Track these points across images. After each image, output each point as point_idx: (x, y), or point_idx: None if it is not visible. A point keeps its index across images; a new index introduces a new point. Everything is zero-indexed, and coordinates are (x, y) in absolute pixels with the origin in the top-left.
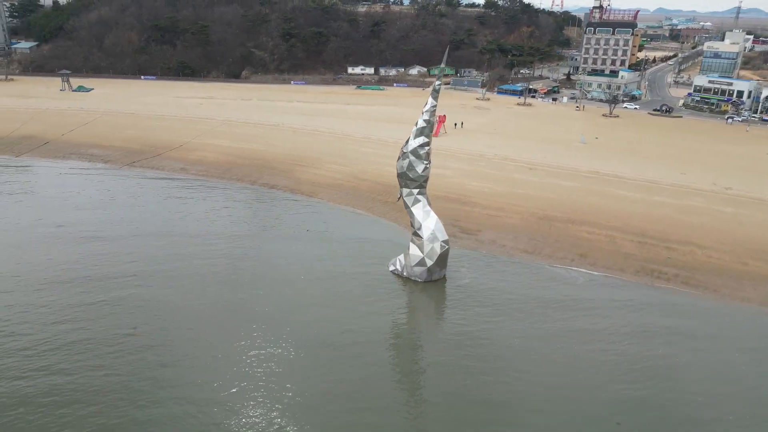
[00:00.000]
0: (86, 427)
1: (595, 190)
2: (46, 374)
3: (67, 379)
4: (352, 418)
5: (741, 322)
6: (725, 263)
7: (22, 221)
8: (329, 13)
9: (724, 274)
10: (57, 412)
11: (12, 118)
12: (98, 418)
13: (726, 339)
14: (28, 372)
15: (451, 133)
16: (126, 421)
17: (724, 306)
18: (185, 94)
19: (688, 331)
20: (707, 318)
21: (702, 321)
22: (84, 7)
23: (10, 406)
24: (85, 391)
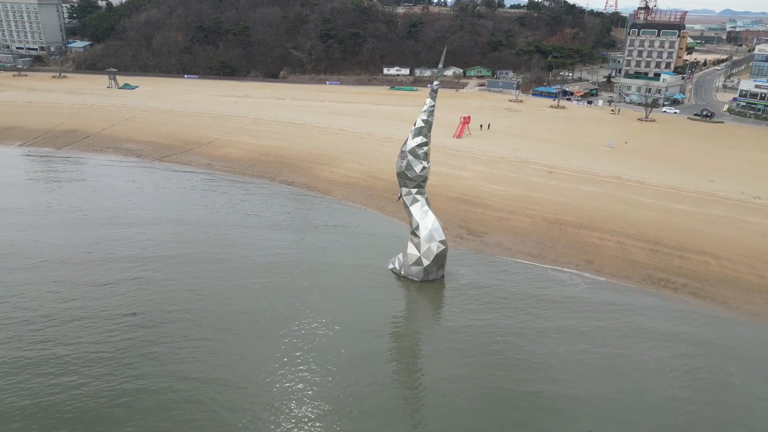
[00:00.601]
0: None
1: (615, 195)
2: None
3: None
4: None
5: (740, 334)
6: (740, 275)
7: (51, 206)
8: (367, 15)
9: (737, 286)
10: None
11: (59, 112)
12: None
13: (719, 348)
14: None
15: (476, 135)
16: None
17: (728, 318)
18: (222, 93)
19: (680, 338)
20: (705, 328)
21: (698, 330)
22: (135, 8)
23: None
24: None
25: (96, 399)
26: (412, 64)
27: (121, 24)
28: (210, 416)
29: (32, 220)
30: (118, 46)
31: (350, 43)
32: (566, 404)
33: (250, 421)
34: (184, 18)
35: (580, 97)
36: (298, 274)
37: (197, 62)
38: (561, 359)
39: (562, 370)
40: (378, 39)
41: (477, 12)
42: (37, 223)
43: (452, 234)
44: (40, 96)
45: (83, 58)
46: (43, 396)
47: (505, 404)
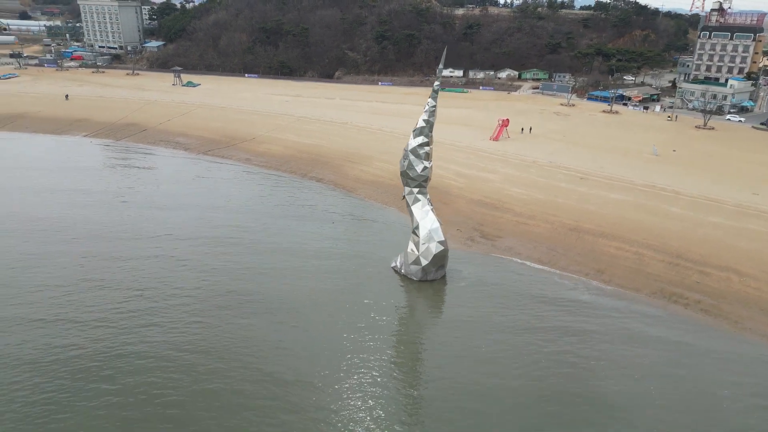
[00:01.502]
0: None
1: (645, 205)
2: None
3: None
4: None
5: (741, 356)
6: (763, 294)
7: (94, 190)
8: (424, 16)
9: (756, 306)
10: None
11: (124, 107)
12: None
13: (713, 368)
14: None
15: (516, 138)
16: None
17: (735, 338)
18: (276, 92)
19: (668, 345)
20: (701, 340)
21: (690, 340)
22: (206, 10)
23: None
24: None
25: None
26: (467, 66)
27: (191, 25)
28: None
29: (82, 200)
30: (187, 46)
31: (405, 44)
32: (542, 402)
33: (247, 418)
34: (249, 20)
35: (638, 103)
36: (288, 261)
37: (258, 62)
38: (541, 356)
39: (533, 366)
40: (432, 40)
41: (537, 13)
42: (84, 203)
43: (464, 236)
44: (110, 91)
45: (156, 57)
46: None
47: (481, 399)
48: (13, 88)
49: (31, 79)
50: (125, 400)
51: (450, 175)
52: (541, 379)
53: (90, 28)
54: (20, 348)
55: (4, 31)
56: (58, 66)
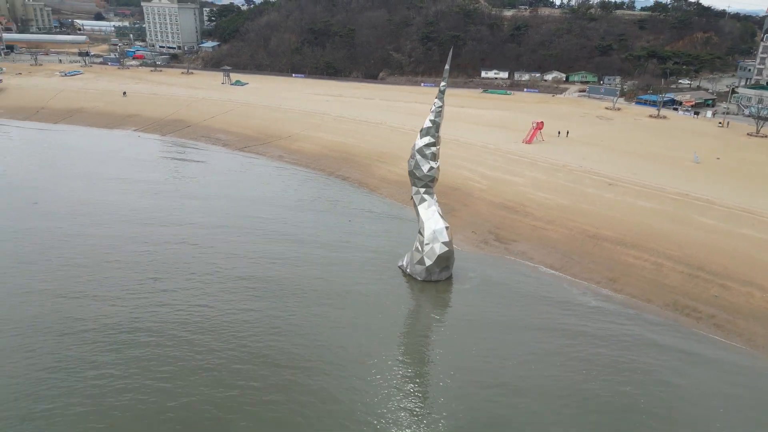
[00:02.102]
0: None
1: (673, 214)
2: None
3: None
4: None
5: (746, 370)
6: None
7: (133, 179)
8: (471, 17)
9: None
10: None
11: (173, 104)
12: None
13: (710, 379)
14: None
15: (551, 142)
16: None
17: (744, 354)
18: (319, 91)
19: (662, 350)
20: (708, 358)
21: (698, 358)
22: (259, 12)
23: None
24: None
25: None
26: (512, 68)
27: (244, 26)
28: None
29: (123, 187)
30: (239, 46)
31: (450, 45)
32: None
33: (244, 416)
34: (298, 21)
35: (690, 107)
36: (298, 251)
37: (305, 62)
38: (530, 356)
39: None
40: (478, 42)
41: (589, 15)
42: (124, 190)
43: (478, 239)
44: (164, 89)
45: (210, 56)
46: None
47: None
48: (76, 84)
49: (94, 76)
50: (125, 371)
51: (475, 177)
52: (523, 378)
53: (152, 29)
54: (37, 318)
55: (79, 31)
56: (120, 64)
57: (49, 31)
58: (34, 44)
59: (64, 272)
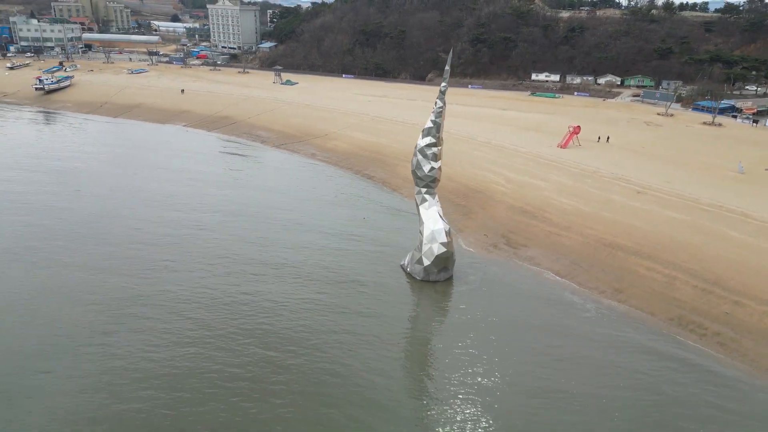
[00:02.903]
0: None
1: (701, 225)
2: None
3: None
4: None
5: (741, 390)
6: None
7: (173, 168)
8: (524, 19)
9: None
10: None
11: (224, 102)
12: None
13: (698, 392)
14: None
15: (587, 146)
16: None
17: (744, 373)
18: (364, 92)
19: (656, 371)
20: (702, 374)
21: (690, 373)
22: (315, 14)
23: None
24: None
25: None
26: (564, 71)
27: (300, 28)
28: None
29: (170, 176)
30: (294, 47)
31: (501, 47)
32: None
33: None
34: (351, 23)
35: (750, 115)
36: (307, 239)
37: (356, 63)
38: (510, 357)
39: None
40: (529, 44)
41: (650, 16)
42: (168, 179)
43: (488, 242)
44: (219, 87)
45: (267, 56)
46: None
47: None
48: (139, 81)
49: (158, 74)
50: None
51: (500, 180)
52: (499, 377)
53: (215, 30)
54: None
55: (155, 32)
56: (184, 63)
57: (126, 31)
58: (110, 43)
59: (91, 247)
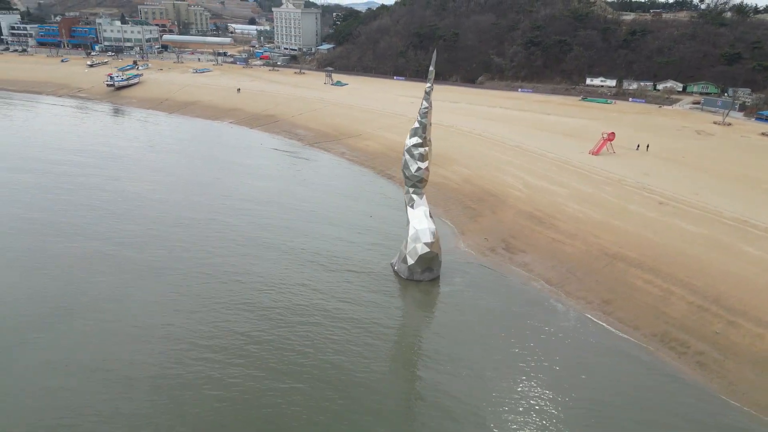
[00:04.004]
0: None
1: (717, 240)
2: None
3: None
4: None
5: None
6: None
7: (210, 158)
8: (582, 21)
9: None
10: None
11: (273, 101)
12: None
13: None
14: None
15: (623, 154)
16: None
17: (715, 396)
18: (408, 94)
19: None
20: (665, 391)
21: (652, 389)
22: (373, 16)
23: None
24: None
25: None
26: (621, 75)
27: (357, 30)
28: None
29: (205, 167)
30: (350, 49)
31: (555, 50)
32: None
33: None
34: (407, 25)
35: None
36: (314, 224)
37: (408, 65)
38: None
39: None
40: (585, 47)
41: (720, 19)
42: (202, 169)
43: (487, 246)
44: (272, 87)
45: (324, 58)
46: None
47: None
48: (201, 80)
49: (220, 74)
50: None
51: (517, 184)
52: (449, 379)
53: (279, 32)
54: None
55: (231, 33)
56: (246, 64)
57: (204, 33)
58: (185, 44)
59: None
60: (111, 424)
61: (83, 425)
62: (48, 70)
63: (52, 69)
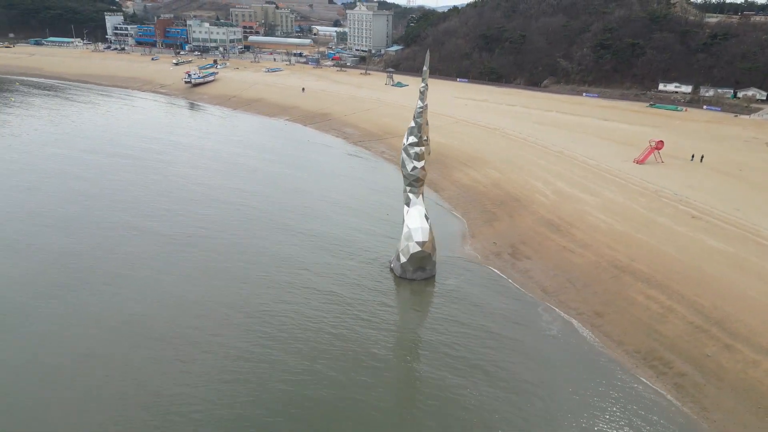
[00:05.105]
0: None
1: (744, 260)
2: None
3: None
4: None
5: None
6: None
7: (261, 149)
8: (659, 23)
9: (757, 403)
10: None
11: (331, 100)
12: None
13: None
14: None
15: (672, 164)
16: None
17: (683, 416)
18: (464, 96)
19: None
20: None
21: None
22: (443, 19)
23: None
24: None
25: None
26: (698, 81)
27: (425, 32)
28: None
29: (254, 161)
30: (416, 50)
31: (627, 54)
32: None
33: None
34: (474, 27)
35: None
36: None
37: (473, 67)
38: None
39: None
40: (660, 51)
41: None
42: (247, 161)
43: (492, 250)
44: (335, 87)
45: (391, 59)
46: None
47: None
48: (270, 79)
49: (290, 73)
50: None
51: (546, 190)
52: (420, 379)
53: (352, 34)
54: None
55: (315, 35)
56: (317, 64)
57: (287, 35)
58: (267, 45)
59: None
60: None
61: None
62: (138, 67)
63: (143, 66)
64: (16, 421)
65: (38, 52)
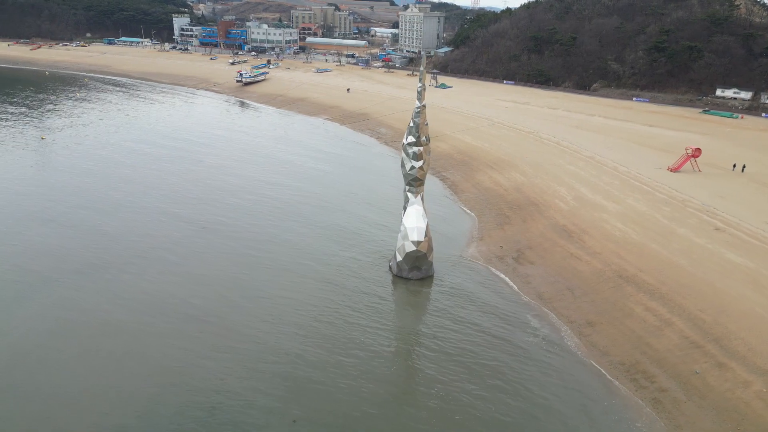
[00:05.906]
0: None
1: (761, 276)
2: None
3: None
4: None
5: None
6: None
7: (297, 144)
8: (719, 26)
9: (737, 425)
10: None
11: (371, 100)
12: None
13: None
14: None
15: (709, 173)
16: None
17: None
18: (507, 98)
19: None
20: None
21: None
22: (494, 20)
23: None
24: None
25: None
26: (760, 88)
27: (474, 33)
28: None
29: (285, 155)
30: (465, 52)
31: (683, 57)
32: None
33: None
34: (524, 29)
35: None
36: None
37: (521, 69)
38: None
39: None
40: (718, 54)
41: None
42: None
43: (497, 254)
44: (377, 87)
45: (440, 61)
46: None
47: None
48: (317, 79)
49: (338, 74)
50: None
51: (567, 196)
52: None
53: (403, 35)
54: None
55: (372, 37)
56: (366, 65)
57: (344, 36)
58: (323, 46)
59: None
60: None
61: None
62: (197, 66)
63: (201, 66)
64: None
65: (109, 51)
